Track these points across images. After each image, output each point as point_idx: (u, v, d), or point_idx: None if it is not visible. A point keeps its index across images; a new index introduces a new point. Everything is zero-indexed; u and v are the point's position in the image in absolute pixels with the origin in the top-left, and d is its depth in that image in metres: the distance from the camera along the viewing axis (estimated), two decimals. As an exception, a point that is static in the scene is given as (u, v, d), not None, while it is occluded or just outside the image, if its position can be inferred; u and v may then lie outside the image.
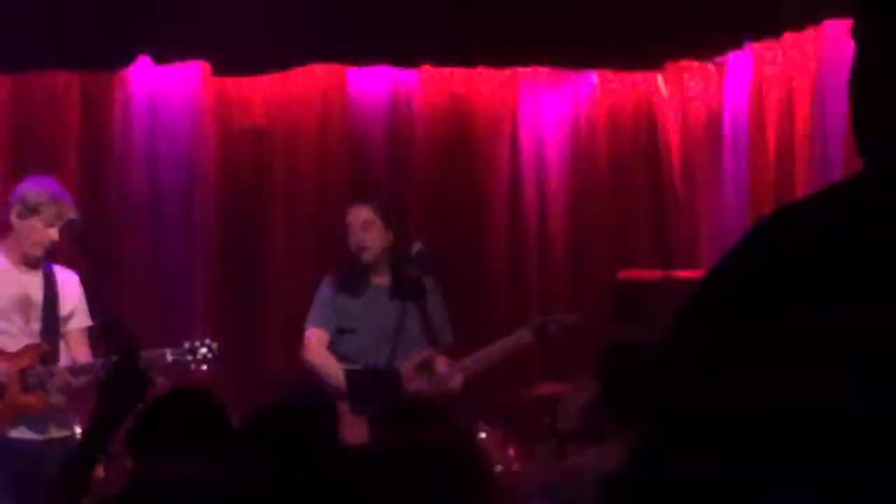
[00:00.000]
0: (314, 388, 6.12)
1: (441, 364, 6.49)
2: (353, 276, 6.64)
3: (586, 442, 4.60)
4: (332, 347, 6.59)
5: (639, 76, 8.14)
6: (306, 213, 7.70)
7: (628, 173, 8.14)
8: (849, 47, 1.31)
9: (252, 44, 7.52)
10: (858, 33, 1.30)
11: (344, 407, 5.95)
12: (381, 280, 6.61)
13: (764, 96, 7.52)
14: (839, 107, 6.85)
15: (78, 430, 6.33)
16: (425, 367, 6.45)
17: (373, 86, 7.91)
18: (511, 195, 8.07)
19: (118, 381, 4.02)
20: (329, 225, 7.08)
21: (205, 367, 6.39)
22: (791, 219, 1.22)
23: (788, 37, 7.21)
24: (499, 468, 6.01)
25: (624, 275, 7.47)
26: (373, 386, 6.29)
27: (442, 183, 7.96)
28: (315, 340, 6.59)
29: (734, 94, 7.81)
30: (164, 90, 7.65)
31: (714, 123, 7.99)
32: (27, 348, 6.22)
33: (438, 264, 6.60)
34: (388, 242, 6.58)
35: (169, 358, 6.25)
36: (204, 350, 6.38)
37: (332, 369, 6.46)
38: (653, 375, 1.27)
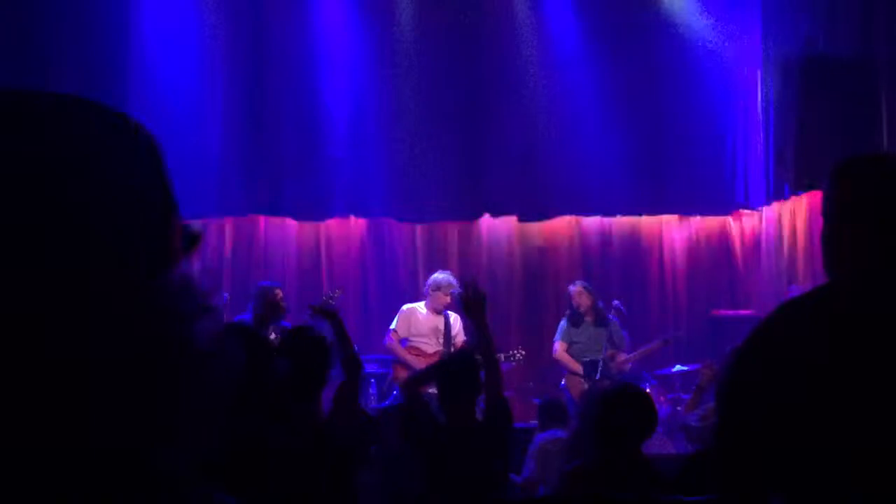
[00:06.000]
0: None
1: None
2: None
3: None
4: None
5: (718, 219, 12.06)
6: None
7: (711, 270, 12.23)
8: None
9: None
10: (823, 210, 1.95)
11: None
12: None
13: (784, 229, 11.01)
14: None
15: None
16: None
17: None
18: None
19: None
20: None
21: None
22: (796, 303, 1.78)
23: (794, 198, 10.75)
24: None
25: (714, 312, 11.37)
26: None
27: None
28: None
29: (768, 228, 11.48)
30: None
31: (758, 242, 11.78)
32: (436, 353, 9.09)
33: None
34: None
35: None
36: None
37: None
38: (722, 385, 1.84)
